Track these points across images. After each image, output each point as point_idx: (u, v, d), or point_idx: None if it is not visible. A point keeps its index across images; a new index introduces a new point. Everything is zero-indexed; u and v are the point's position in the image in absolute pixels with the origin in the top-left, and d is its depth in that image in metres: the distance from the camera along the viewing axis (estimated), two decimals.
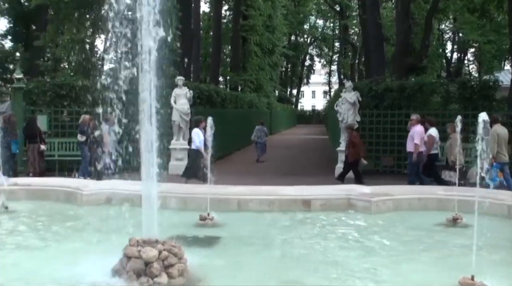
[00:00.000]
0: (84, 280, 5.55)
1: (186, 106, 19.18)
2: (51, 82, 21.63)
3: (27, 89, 20.39)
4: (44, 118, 19.67)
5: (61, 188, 10.65)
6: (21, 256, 6.78)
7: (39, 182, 11.60)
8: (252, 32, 47.98)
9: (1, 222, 8.57)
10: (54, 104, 20.38)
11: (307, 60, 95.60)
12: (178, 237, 6.85)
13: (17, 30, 49.22)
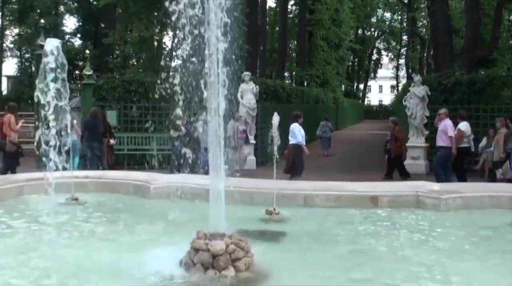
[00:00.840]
0: (152, 272, 5.65)
1: (252, 101, 19.28)
2: (120, 78, 22.16)
3: (97, 86, 20.99)
4: (113, 114, 20.18)
5: (130, 181, 10.88)
6: (90, 247, 6.97)
7: (109, 175, 11.89)
8: (318, 27, 47.62)
9: (71, 214, 8.82)
10: (123, 99, 20.87)
11: (374, 54, 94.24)
12: (244, 231, 6.89)
13: (86, 29, 50.69)
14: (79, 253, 6.48)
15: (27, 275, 5.67)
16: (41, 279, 5.53)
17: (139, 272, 5.69)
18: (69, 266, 5.84)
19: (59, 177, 9.14)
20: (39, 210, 9.01)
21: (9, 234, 7.64)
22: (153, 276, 5.54)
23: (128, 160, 19.59)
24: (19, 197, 10.14)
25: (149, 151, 19.33)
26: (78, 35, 52.16)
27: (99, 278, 5.59)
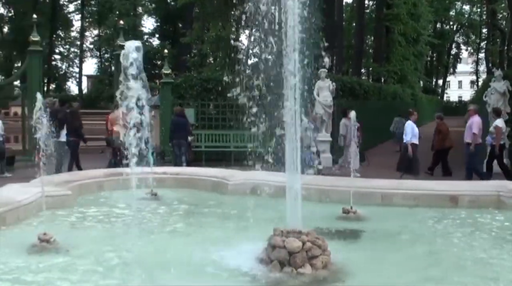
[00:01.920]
0: (229, 267, 5.72)
1: (329, 98, 19.12)
2: (198, 76, 22.48)
3: (175, 84, 21.42)
4: (191, 111, 20.52)
5: (208, 177, 11.06)
6: (169, 240, 7.13)
7: (187, 171, 12.13)
8: (396, 21, 46.68)
9: (149, 208, 9.05)
10: (201, 97, 21.19)
11: (453, 48, 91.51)
12: (320, 229, 6.87)
13: (164, 29, 51.74)
14: (157, 247, 6.64)
15: (107, 267, 5.85)
16: (119, 272, 5.71)
17: (215, 267, 5.78)
18: (148, 260, 6.01)
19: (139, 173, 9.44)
20: (119, 205, 9.32)
21: (90, 227, 7.94)
22: (230, 272, 5.62)
23: (206, 157, 19.86)
24: (100, 192, 10.50)
25: (227, 148, 19.57)
26: (156, 35, 53.36)
27: (177, 273, 5.69)
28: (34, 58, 20.80)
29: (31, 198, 8.41)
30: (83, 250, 6.47)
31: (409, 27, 48.05)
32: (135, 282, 5.47)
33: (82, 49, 59.73)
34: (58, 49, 60.77)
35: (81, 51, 59.73)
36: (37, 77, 20.79)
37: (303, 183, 6.20)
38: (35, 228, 7.37)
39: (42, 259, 6.13)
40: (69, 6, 58.43)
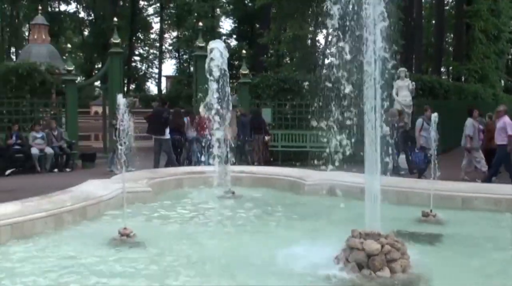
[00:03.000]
0: (306, 267, 5.68)
1: (408, 98, 18.76)
2: (275, 76, 22.53)
3: (252, 84, 21.56)
4: (268, 111, 20.62)
5: (284, 177, 11.06)
6: (245, 238, 7.16)
7: (263, 170, 12.18)
8: (476, 18, 45.15)
9: (228, 206, 9.13)
10: (278, 97, 21.25)
11: None
12: (399, 232, 6.73)
13: (241, 29, 52.09)
14: (234, 245, 6.70)
15: (185, 263, 5.93)
16: (197, 268, 5.77)
17: (292, 267, 5.74)
18: (225, 258, 6.07)
19: (215, 171, 9.55)
20: (197, 202, 9.47)
21: (169, 223, 8.09)
22: (306, 272, 5.58)
23: (282, 156, 19.88)
24: (178, 189, 10.69)
25: (303, 148, 19.54)
26: (233, 36, 53.78)
27: (254, 271, 5.70)
28: (115, 60, 21.44)
29: (112, 194, 8.69)
30: (162, 245, 6.61)
31: (489, 24, 46.36)
32: (214, 279, 5.51)
33: (161, 51, 61.07)
34: (137, 51, 62.35)
35: (160, 53, 61.09)
36: (117, 78, 21.42)
37: (381, 184, 6.09)
38: (115, 222, 7.60)
39: (123, 252, 6.32)
40: (148, 9, 59.89)
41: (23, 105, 19.48)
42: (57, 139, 18.26)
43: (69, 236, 7.15)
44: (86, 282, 5.36)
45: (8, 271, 5.72)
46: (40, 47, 31.83)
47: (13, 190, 13.36)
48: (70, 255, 6.23)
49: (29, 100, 19.62)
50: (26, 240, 6.84)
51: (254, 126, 19.02)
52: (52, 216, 7.44)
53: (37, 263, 5.98)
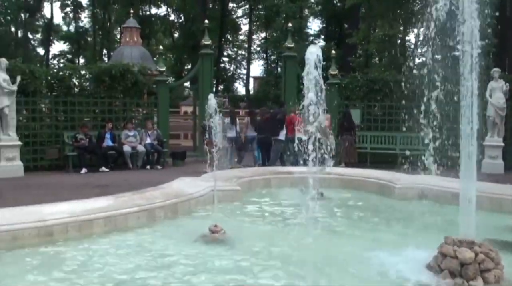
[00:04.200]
0: (395, 272, 5.56)
1: (501, 100, 18.03)
2: (364, 77, 22.27)
3: (341, 85, 21.40)
4: (357, 112, 20.42)
5: (373, 179, 10.91)
6: (333, 241, 7.09)
7: (352, 172, 12.05)
8: None
9: (316, 208, 9.08)
10: (367, 98, 20.99)
11: None
12: (492, 241, 6.47)
13: (329, 30, 51.81)
14: (323, 247, 6.64)
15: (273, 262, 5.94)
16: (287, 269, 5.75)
17: (383, 272, 5.64)
18: (313, 259, 6.02)
19: (304, 172, 9.51)
20: (285, 202, 9.49)
21: (257, 222, 8.16)
22: (395, 277, 5.46)
23: (371, 158, 19.62)
24: (266, 189, 10.75)
25: (392, 150, 19.22)
26: (321, 36, 53.60)
27: (342, 275, 5.64)
28: (205, 61, 21.87)
29: (202, 191, 8.86)
30: (252, 244, 6.65)
31: None
32: (308, 280, 5.49)
33: (250, 52, 61.65)
34: (226, 52, 63.21)
35: (248, 54, 61.68)
36: (208, 78, 21.82)
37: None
38: (205, 219, 7.74)
39: (213, 249, 6.40)
40: (238, 11, 60.59)
41: (115, 105, 20.15)
42: (152, 139, 18.82)
43: (160, 231, 7.34)
44: (176, 277, 5.47)
45: (101, 263, 5.94)
46: (132, 49, 32.93)
47: (106, 185, 13.86)
48: (161, 250, 6.39)
49: (122, 100, 20.27)
50: (119, 234, 7.09)
51: (344, 127, 18.92)
52: (145, 211, 7.67)
53: (129, 256, 6.17)
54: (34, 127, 18.46)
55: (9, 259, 6.05)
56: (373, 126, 20.83)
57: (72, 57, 64.96)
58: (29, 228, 6.60)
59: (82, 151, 17.52)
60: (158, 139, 18.99)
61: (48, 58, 62.23)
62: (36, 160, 18.06)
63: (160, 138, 19.09)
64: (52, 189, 13.62)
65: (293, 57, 22.86)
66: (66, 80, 19.54)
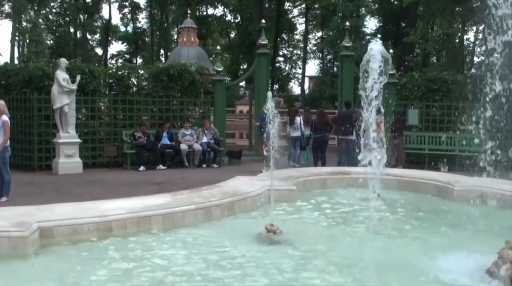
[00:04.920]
0: (453, 277, 5.44)
1: None
2: (423, 76, 21.90)
3: (399, 84, 21.10)
4: (415, 112, 20.10)
5: (431, 181, 10.69)
6: (390, 243, 6.93)
7: (409, 173, 11.84)
8: None
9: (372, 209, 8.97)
10: (425, 98, 20.63)
11: None
12: None
13: (386, 28, 51.18)
14: (380, 248, 6.57)
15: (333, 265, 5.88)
16: (345, 271, 5.70)
17: (440, 276, 5.52)
18: (370, 260, 5.96)
19: (361, 173, 9.41)
20: (341, 203, 9.40)
21: (313, 223, 8.08)
22: (456, 283, 5.35)
23: (428, 160, 19.26)
24: (322, 189, 10.67)
25: (451, 152, 18.85)
26: (378, 35, 52.98)
27: (403, 279, 5.54)
28: (262, 60, 21.92)
29: (258, 190, 8.87)
30: (308, 244, 6.60)
31: None
32: (367, 283, 5.43)
33: (306, 51, 61.51)
34: (281, 51, 63.24)
35: (304, 53, 61.55)
36: (264, 78, 21.86)
37: None
38: (261, 218, 7.76)
39: (269, 248, 6.40)
40: (294, 10, 60.52)
41: (173, 104, 20.41)
42: (209, 138, 19.01)
43: (217, 229, 7.39)
44: (233, 276, 5.49)
45: (160, 259, 6.02)
46: (189, 49, 33.27)
47: (163, 183, 14.09)
48: (217, 248, 6.43)
49: (179, 99, 20.51)
50: (176, 231, 7.16)
51: (398, 127, 18.70)
52: (202, 209, 7.73)
53: (186, 253, 6.23)
54: (93, 126, 18.93)
55: (72, 252, 6.22)
56: (432, 127, 20.45)
57: (130, 57, 66.29)
58: (89, 223, 6.76)
59: (140, 149, 17.85)
60: (214, 138, 19.16)
61: (106, 58, 63.69)
62: (95, 157, 18.51)
63: (216, 137, 19.26)
64: (110, 185, 13.94)
65: (350, 56, 22.68)
66: (124, 79, 19.97)
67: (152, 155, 18.33)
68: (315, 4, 54.49)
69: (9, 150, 11.96)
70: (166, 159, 18.42)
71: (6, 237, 5.95)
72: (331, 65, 56.77)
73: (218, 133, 19.55)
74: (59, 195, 12.59)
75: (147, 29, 65.88)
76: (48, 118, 17.56)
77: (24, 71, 18.24)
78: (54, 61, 18.79)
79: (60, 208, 7.35)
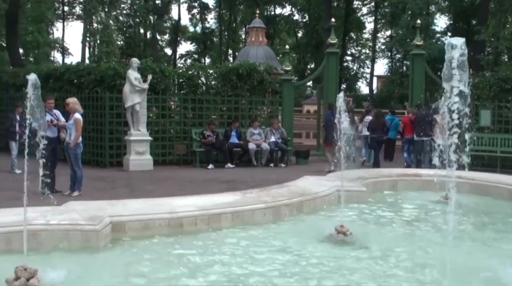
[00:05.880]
0: None
1: None
2: (494, 76, 21.25)
3: (471, 84, 20.53)
4: (487, 113, 19.52)
5: (504, 185, 10.38)
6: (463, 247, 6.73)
7: (481, 176, 11.52)
8: None
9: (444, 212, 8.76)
10: (497, 98, 20.02)
11: None
12: None
13: (457, 26, 49.98)
14: (452, 253, 6.41)
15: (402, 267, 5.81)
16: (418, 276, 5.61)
17: None
18: (438, 266, 5.82)
19: (432, 175, 9.22)
20: (412, 205, 9.25)
21: (384, 225, 7.98)
22: None
23: (501, 163, 18.64)
24: (392, 191, 10.54)
25: None
26: (448, 33, 51.83)
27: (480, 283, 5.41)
28: (331, 60, 21.77)
29: (327, 191, 8.85)
30: (379, 246, 6.54)
31: None
32: None
33: (375, 50, 60.79)
34: (349, 50, 62.73)
35: (373, 52, 60.84)
36: (333, 77, 21.68)
37: None
38: (330, 219, 7.73)
39: (339, 250, 6.39)
40: (362, 9, 59.91)
41: (242, 103, 20.56)
42: (276, 137, 19.06)
43: (286, 228, 7.42)
44: (302, 276, 5.50)
45: (230, 257, 6.09)
46: (257, 49, 33.47)
47: (231, 181, 14.24)
48: (287, 247, 6.45)
49: (248, 99, 20.64)
50: (245, 229, 7.24)
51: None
52: (271, 208, 7.79)
53: (254, 251, 6.30)
54: (164, 124, 19.26)
55: (143, 246, 6.40)
56: (504, 129, 19.78)
57: (198, 57, 67.21)
58: (161, 218, 6.93)
59: (209, 147, 18.07)
60: (282, 137, 19.19)
61: (175, 58, 64.83)
62: (165, 155, 18.87)
63: (284, 137, 19.29)
64: (180, 183, 14.17)
65: (421, 55, 22.24)
66: (194, 79, 20.26)
67: (221, 153, 18.55)
68: (385, 2, 53.75)
69: (81, 146, 12.33)
70: (234, 158, 18.59)
71: (79, 230, 6.19)
72: (400, 64, 55.93)
73: (286, 133, 19.57)
74: (129, 190, 12.89)
75: (216, 29, 66.62)
76: (119, 116, 18.03)
77: (96, 70, 18.78)
78: (125, 62, 19.24)
79: (132, 204, 7.58)
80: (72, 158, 12.13)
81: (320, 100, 24.00)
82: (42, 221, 6.22)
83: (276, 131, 19.23)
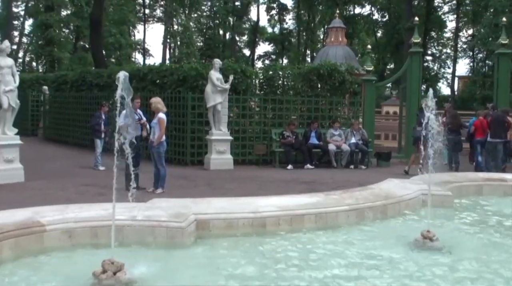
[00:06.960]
0: None
1: None
2: None
3: None
4: None
5: None
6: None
7: None
8: None
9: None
10: None
11: None
12: None
13: None
14: None
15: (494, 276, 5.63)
16: None
17: None
18: None
19: None
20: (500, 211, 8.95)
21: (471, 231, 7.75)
22: None
23: None
24: (478, 196, 10.24)
25: None
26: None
27: None
28: (414, 59, 21.30)
29: (412, 194, 8.71)
30: (466, 253, 6.38)
31: None
32: None
33: (456, 49, 59.19)
34: (430, 50, 61.32)
35: (455, 52, 59.25)
36: (416, 78, 21.20)
37: None
38: (415, 223, 7.61)
39: (425, 255, 6.26)
40: (444, 7, 58.41)
41: (322, 104, 20.45)
42: (357, 138, 18.88)
43: (370, 232, 7.36)
44: (385, 281, 5.43)
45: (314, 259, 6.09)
46: (336, 49, 33.28)
47: (311, 182, 14.20)
48: (371, 251, 6.40)
49: (328, 99, 20.52)
50: (329, 231, 7.24)
51: None
52: (354, 210, 7.76)
53: (341, 255, 6.25)
54: (244, 124, 19.44)
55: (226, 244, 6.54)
56: None
57: (276, 57, 67.47)
58: (244, 218, 7.04)
59: (289, 147, 18.09)
60: (363, 139, 18.97)
61: (253, 59, 65.35)
62: (245, 155, 19.02)
63: (365, 138, 19.06)
64: (260, 182, 14.25)
65: (506, 54, 21.41)
66: (275, 79, 20.33)
67: (300, 154, 18.52)
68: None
69: (165, 145, 12.62)
70: (314, 158, 18.54)
71: (164, 227, 6.35)
72: (482, 64, 54.21)
73: (367, 134, 19.33)
74: (210, 189, 13.07)
75: (294, 30, 66.67)
76: (201, 116, 18.29)
77: (178, 71, 19.13)
78: (205, 63, 19.53)
79: (216, 202, 7.71)
80: (155, 156, 12.43)
81: (402, 102, 23.55)
82: (128, 216, 6.44)
83: (356, 132, 19.02)
